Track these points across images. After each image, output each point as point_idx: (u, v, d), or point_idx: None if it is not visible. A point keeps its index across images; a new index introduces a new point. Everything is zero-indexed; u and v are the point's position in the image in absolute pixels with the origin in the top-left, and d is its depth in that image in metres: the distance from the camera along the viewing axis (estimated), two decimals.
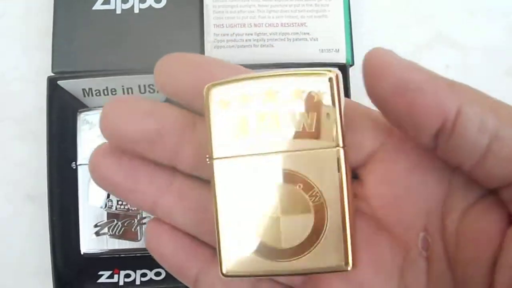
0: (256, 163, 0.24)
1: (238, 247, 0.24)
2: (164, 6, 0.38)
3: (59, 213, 0.36)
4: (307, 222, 0.24)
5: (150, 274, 0.36)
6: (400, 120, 0.22)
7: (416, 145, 0.24)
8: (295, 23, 0.38)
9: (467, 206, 0.23)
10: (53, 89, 0.36)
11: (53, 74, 0.37)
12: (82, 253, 0.36)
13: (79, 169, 0.36)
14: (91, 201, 0.36)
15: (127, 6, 0.38)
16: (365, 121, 0.25)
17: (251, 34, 0.37)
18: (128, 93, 0.37)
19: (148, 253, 0.35)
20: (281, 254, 0.24)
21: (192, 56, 0.26)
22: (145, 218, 0.36)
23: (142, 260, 0.36)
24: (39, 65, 0.39)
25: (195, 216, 0.26)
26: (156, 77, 0.25)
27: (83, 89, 0.37)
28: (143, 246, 0.36)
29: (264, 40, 0.37)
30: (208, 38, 0.37)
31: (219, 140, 0.24)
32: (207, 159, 0.24)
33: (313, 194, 0.24)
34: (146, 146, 0.25)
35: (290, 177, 0.24)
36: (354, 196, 0.25)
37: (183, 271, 0.27)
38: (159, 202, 0.26)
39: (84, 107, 0.37)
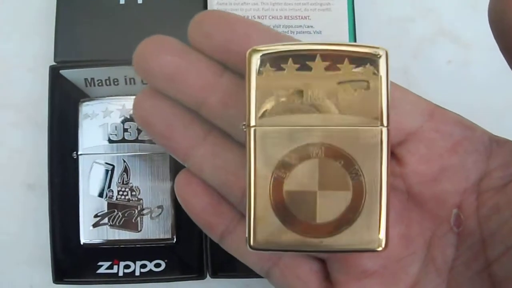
0: (296, 135, 0.23)
1: (268, 220, 0.23)
2: None
3: (59, 202, 0.36)
4: (344, 199, 0.23)
5: (150, 266, 0.36)
6: None
7: (456, 127, 0.25)
8: (299, 16, 0.37)
9: (506, 183, 0.24)
10: (55, 79, 0.36)
11: (55, 63, 0.36)
12: (81, 243, 0.36)
13: (80, 158, 0.36)
14: (92, 191, 0.36)
15: None
16: (404, 102, 0.26)
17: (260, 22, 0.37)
18: (130, 83, 0.37)
19: (148, 244, 0.36)
20: (314, 230, 0.23)
21: (228, 15, 0.26)
22: (145, 209, 0.36)
23: (142, 251, 0.36)
24: (41, 54, 0.39)
25: (224, 176, 0.26)
26: (190, 34, 0.25)
27: (85, 79, 0.37)
28: (143, 237, 0.36)
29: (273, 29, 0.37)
30: None
31: (258, 107, 0.23)
32: (243, 127, 0.24)
33: (354, 171, 0.23)
34: (170, 84, 0.25)
35: (331, 152, 0.23)
36: (391, 174, 0.25)
37: (211, 226, 0.27)
38: (192, 153, 0.27)
39: (86, 96, 0.37)
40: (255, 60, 0.23)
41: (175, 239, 0.36)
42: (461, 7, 0.42)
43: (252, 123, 0.23)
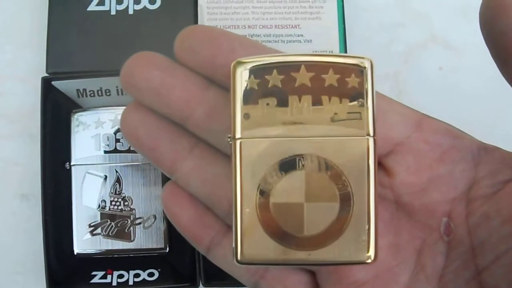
0: (282, 146, 0.23)
1: (255, 233, 0.23)
2: (158, 7, 0.38)
3: (52, 213, 0.36)
4: (332, 211, 0.23)
5: (143, 275, 0.36)
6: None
7: (444, 136, 0.25)
8: (289, 25, 0.38)
9: (495, 191, 0.24)
10: (47, 90, 0.36)
11: (47, 75, 0.37)
12: (75, 253, 0.36)
13: (73, 169, 0.36)
14: (85, 201, 0.36)
15: (121, 7, 0.38)
16: (391, 112, 0.26)
17: (245, 35, 0.37)
18: (122, 94, 0.37)
19: (141, 253, 0.36)
20: (301, 243, 0.23)
21: (213, 30, 0.26)
22: (138, 219, 0.36)
23: (135, 260, 0.37)
24: (34, 65, 0.39)
25: (210, 189, 0.26)
26: (176, 49, 0.25)
27: (77, 90, 0.37)
28: (136, 247, 0.36)
29: (258, 42, 0.37)
30: None
31: (243, 119, 0.23)
32: (228, 139, 0.24)
33: (341, 182, 0.23)
34: (155, 99, 0.26)
35: (317, 163, 0.23)
36: (379, 184, 0.25)
37: (197, 238, 0.27)
38: (178, 166, 0.27)
39: (78, 107, 0.37)
40: (240, 72, 0.23)
41: (168, 248, 0.36)
42: (452, 13, 0.42)
43: (238, 135, 0.23)
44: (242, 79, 0.23)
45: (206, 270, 0.35)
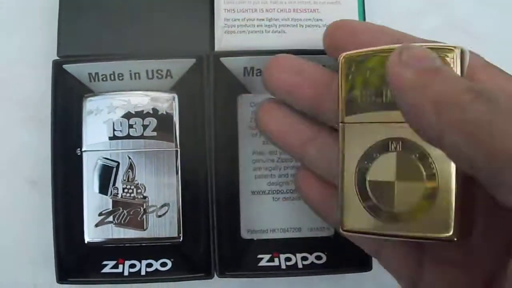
0: (378, 130, 0.27)
1: (355, 207, 0.27)
2: None
3: (63, 200, 0.35)
4: (419, 189, 0.26)
5: (156, 265, 0.35)
6: None
7: None
8: (308, 9, 0.37)
9: None
10: (58, 73, 0.35)
11: (58, 58, 0.36)
12: (86, 241, 0.35)
13: (84, 155, 0.35)
14: (96, 188, 0.35)
15: None
16: None
17: (263, 20, 0.36)
18: (135, 78, 0.36)
19: (153, 243, 0.35)
20: (393, 218, 0.26)
21: (355, 23, 0.31)
22: (151, 207, 0.35)
23: (147, 250, 0.36)
24: (44, 48, 0.38)
25: (335, 167, 0.29)
26: (325, 43, 0.30)
27: (89, 74, 0.36)
28: (149, 236, 0.35)
29: (276, 26, 0.36)
30: (219, 22, 0.36)
31: (348, 107, 0.27)
32: (338, 124, 0.28)
33: (427, 164, 0.25)
34: (289, 96, 0.31)
35: (407, 146, 0.26)
36: None
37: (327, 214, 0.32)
38: (305, 151, 0.32)
39: (90, 92, 0.36)
40: (346, 65, 0.27)
41: (181, 238, 0.35)
42: (473, 1, 0.41)
43: (344, 120, 0.27)
44: (347, 71, 0.27)
45: (221, 260, 0.34)
